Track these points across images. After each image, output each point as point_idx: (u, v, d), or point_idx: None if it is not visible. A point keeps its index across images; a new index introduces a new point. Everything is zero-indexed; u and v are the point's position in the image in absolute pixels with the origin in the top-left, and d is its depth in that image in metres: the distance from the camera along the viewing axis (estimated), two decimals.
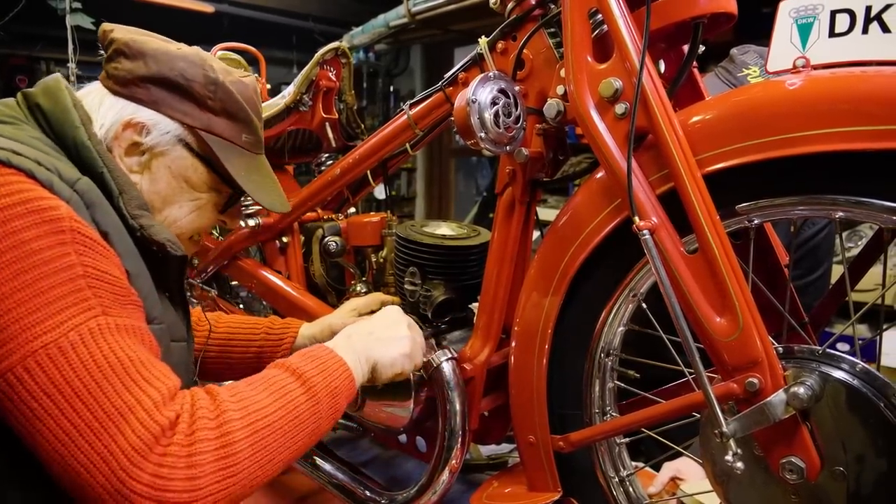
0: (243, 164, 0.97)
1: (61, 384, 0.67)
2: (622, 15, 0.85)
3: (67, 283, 0.71)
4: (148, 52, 0.91)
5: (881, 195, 0.74)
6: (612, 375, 1.04)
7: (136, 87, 0.90)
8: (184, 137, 0.93)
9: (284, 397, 0.80)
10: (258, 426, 0.76)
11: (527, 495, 1.06)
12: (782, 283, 0.94)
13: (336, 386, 0.86)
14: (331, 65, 1.54)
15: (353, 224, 1.49)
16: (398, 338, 1.00)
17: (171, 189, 0.94)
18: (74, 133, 0.84)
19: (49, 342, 0.68)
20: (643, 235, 0.81)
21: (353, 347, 0.93)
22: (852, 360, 0.79)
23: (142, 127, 0.90)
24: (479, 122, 0.94)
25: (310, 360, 0.87)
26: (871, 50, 0.77)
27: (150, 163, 0.92)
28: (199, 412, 0.73)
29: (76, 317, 0.70)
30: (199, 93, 0.92)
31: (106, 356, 0.70)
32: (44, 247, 0.70)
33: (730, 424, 0.79)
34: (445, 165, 6.36)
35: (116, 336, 0.72)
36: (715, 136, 0.82)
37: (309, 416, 0.82)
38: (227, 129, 0.96)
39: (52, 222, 0.71)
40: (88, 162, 0.84)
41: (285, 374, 0.84)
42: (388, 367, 0.98)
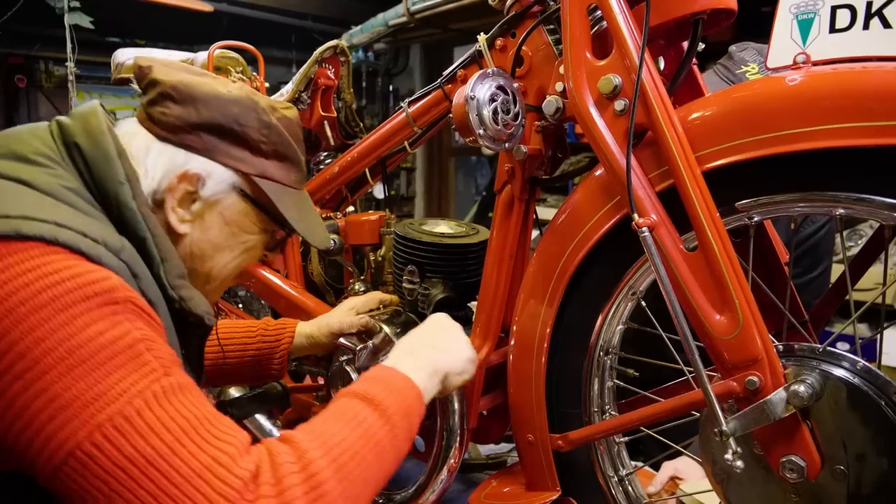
0: (293, 204, 0.95)
1: (133, 454, 0.64)
2: (621, 11, 0.85)
3: (126, 350, 0.67)
4: (199, 97, 0.86)
5: (882, 192, 0.74)
6: (611, 374, 1.03)
7: (186, 135, 0.85)
8: (237, 184, 0.89)
9: (360, 426, 0.77)
10: (342, 460, 0.73)
11: (525, 495, 1.06)
12: (782, 281, 0.93)
13: (409, 405, 0.83)
14: (329, 63, 1.54)
15: (351, 223, 1.49)
16: (460, 345, 0.97)
17: (224, 235, 0.91)
18: (118, 190, 0.79)
19: (114, 413, 0.64)
20: (642, 233, 0.81)
21: (418, 364, 0.89)
22: (853, 359, 0.78)
23: (197, 178, 0.86)
24: (478, 118, 0.94)
25: (377, 383, 0.83)
26: (871, 46, 0.76)
27: (202, 212, 0.88)
28: (280, 458, 0.70)
29: (138, 382, 0.67)
30: (254, 138, 0.89)
31: (174, 418, 0.67)
32: (96, 318, 0.67)
33: (729, 423, 0.78)
34: (445, 165, 6.35)
35: (180, 396, 0.69)
36: (715, 133, 0.82)
37: (388, 440, 0.78)
38: (278, 171, 0.93)
39: (104, 294, 0.68)
40: (131, 224, 0.79)
41: (356, 402, 0.80)
42: (457, 376, 0.95)
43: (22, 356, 0.63)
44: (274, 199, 0.91)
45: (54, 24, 4.26)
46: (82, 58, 4.13)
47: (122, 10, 4.54)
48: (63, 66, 4.20)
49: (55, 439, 0.63)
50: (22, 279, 0.65)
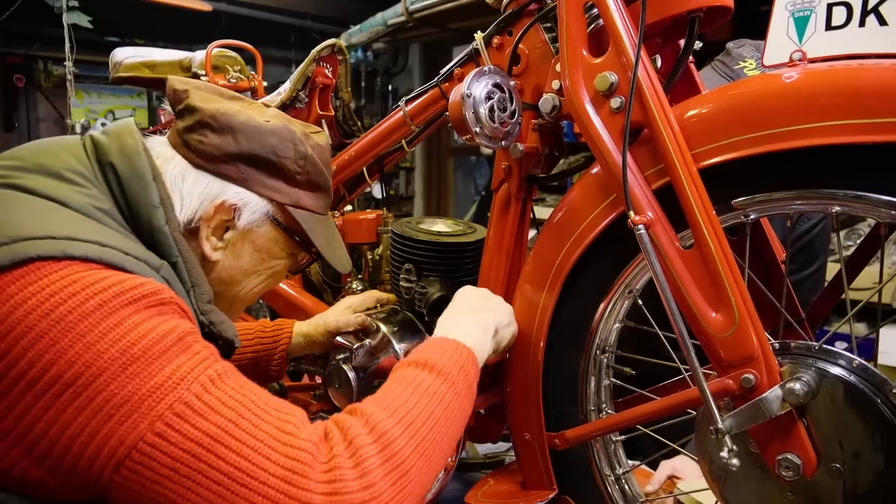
0: (321, 230, 0.96)
1: (197, 436, 0.64)
2: (618, 9, 0.85)
3: (176, 343, 0.68)
4: (237, 127, 0.86)
5: (879, 189, 0.74)
6: (607, 372, 1.03)
7: (224, 164, 0.85)
8: (271, 213, 0.90)
9: (420, 386, 0.78)
10: (409, 418, 0.74)
11: (522, 493, 1.06)
12: (778, 279, 0.93)
13: (462, 363, 0.84)
14: (327, 62, 1.53)
15: (349, 221, 1.48)
16: (498, 301, 1.00)
17: (253, 262, 0.92)
18: (151, 213, 0.79)
19: (174, 400, 0.65)
20: (638, 230, 0.80)
21: (466, 329, 0.90)
22: (849, 357, 0.78)
23: (233, 208, 0.86)
24: (474, 116, 0.93)
25: (427, 350, 0.85)
26: (867, 43, 0.76)
27: (235, 240, 0.89)
28: (347, 424, 0.71)
29: (194, 369, 0.68)
30: (290, 169, 0.90)
31: (232, 395, 0.68)
32: (145, 318, 0.67)
33: (725, 421, 0.78)
34: (444, 164, 6.35)
35: (233, 377, 0.70)
36: (711, 131, 0.81)
37: (452, 398, 0.79)
38: (310, 200, 0.94)
39: (150, 295, 0.69)
40: (162, 248, 0.80)
41: (411, 369, 0.81)
42: (507, 328, 0.98)
43: (72, 363, 0.63)
44: (305, 227, 0.93)
45: (53, 23, 4.26)
46: (81, 57, 4.13)
47: (121, 9, 4.55)
48: (62, 65, 4.20)
49: (115, 437, 0.63)
50: (68, 290, 0.65)
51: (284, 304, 1.51)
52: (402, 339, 1.20)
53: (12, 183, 0.74)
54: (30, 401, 0.62)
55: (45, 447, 0.63)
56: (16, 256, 0.65)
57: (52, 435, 0.63)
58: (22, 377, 0.62)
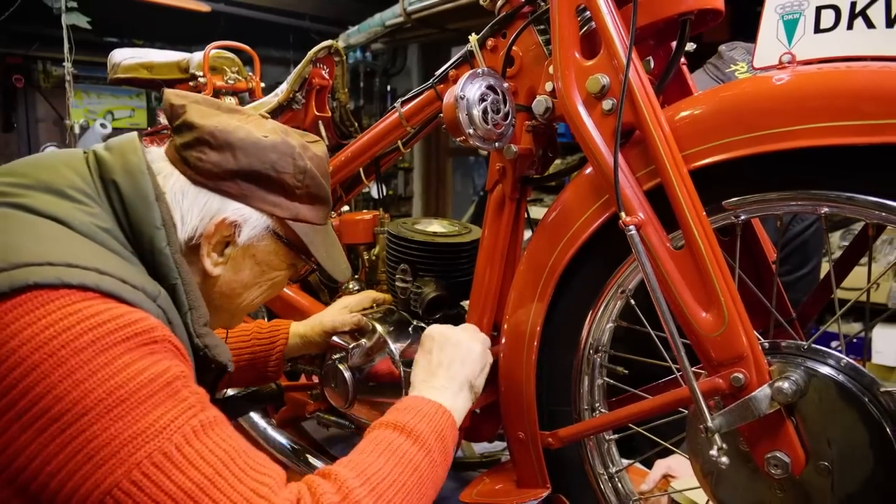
0: (321, 241, 0.97)
1: (172, 490, 0.64)
2: (609, 11, 0.85)
3: (164, 387, 0.68)
4: (236, 144, 0.85)
5: (868, 190, 0.74)
6: (600, 372, 1.04)
7: (223, 181, 0.85)
8: (272, 227, 0.91)
9: (396, 453, 0.79)
10: (381, 488, 0.74)
11: (516, 492, 1.07)
12: (770, 280, 0.94)
13: (441, 429, 0.85)
14: (324, 63, 1.54)
15: (345, 222, 1.49)
16: (467, 347, 0.99)
17: (254, 274, 0.93)
18: (153, 234, 0.79)
19: (154, 450, 0.64)
20: (629, 231, 0.81)
21: (441, 387, 0.92)
22: (838, 356, 0.79)
23: (234, 225, 0.87)
24: (468, 118, 0.94)
25: (405, 412, 0.85)
26: (855, 45, 0.77)
27: (235, 255, 0.90)
28: (320, 489, 0.71)
29: (177, 419, 0.67)
30: (290, 183, 0.90)
31: (212, 451, 0.67)
32: (136, 358, 0.67)
33: (715, 419, 0.79)
34: (442, 165, 6.36)
35: (217, 430, 0.70)
36: (702, 132, 0.82)
37: (426, 466, 0.80)
38: (310, 212, 0.94)
39: (144, 333, 0.69)
40: (162, 269, 0.80)
41: (388, 432, 0.82)
42: (481, 376, 1.00)
43: (60, 398, 0.63)
44: (305, 240, 0.93)
45: (52, 24, 4.27)
46: (80, 58, 4.13)
47: (120, 10, 4.55)
48: (61, 66, 4.20)
49: (93, 478, 0.63)
50: (64, 323, 0.65)
51: (282, 304, 1.52)
52: (397, 339, 1.21)
53: (15, 202, 0.74)
54: (16, 431, 0.63)
55: (25, 479, 0.63)
56: (14, 283, 0.65)
57: (33, 468, 0.63)
58: (12, 407, 0.63)
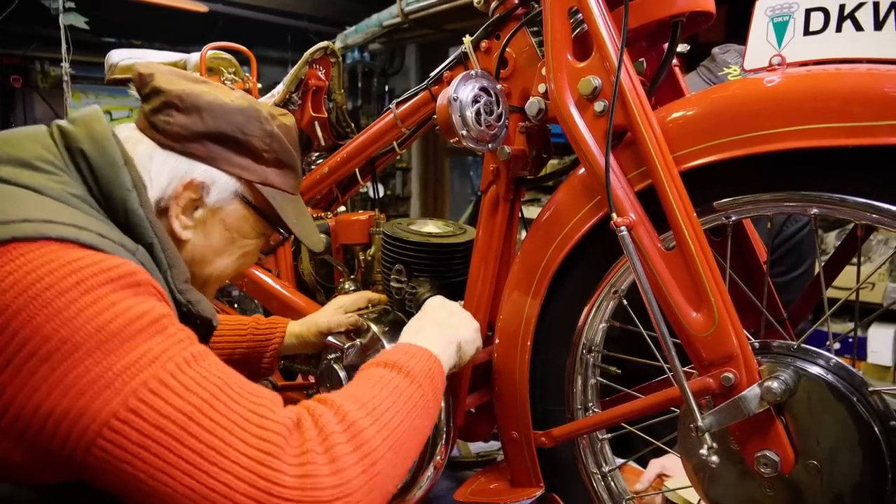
0: (291, 209, 0.97)
1: (172, 414, 0.64)
2: (601, 14, 0.86)
3: (152, 324, 0.69)
4: (203, 106, 0.87)
5: (858, 191, 0.75)
6: (594, 371, 1.05)
7: (191, 143, 0.86)
8: (240, 192, 0.91)
9: (391, 385, 0.80)
10: (378, 414, 0.75)
11: (510, 491, 1.07)
12: (761, 280, 0.95)
13: (430, 369, 0.86)
14: (320, 64, 1.55)
15: (341, 222, 1.50)
16: (463, 317, 1.02)
17: (223, 241, 0.93)
18: (125, 197, 0.79)
19: (149, 377, 0.65)
20: (621, 232, 0.82)
21: (430, 339, 0.92)
22: (827, 356, 0.80)
23: (201, 186, 0.87)
24: (461, 119, 0.95)
25: (398, 354, 0.86)
26: (844, 48, 0.78)
27: (205, 219, 0.90)
28: (318, 411, 0.72)
29: (169, 349, 0.68)
30: (257, 146, 0.91)
31: (207, 377, 0.68)
32: (122, 298, 0.68)
33: (705, 419, 0.80)
34: (440, 165, 6.36)
35: (209, 360, 0.71)
36: (692, 134, 0.83)
37: (419, 398, 0.81)
38: (278, 178, 0.95)
39: (127, 276, 0.70)
40: (138, 230, 0.80)
41: (383, 369, 0.83)
42: (470, 343, 1.00)
43: (48, 339, 0.64)
44: (275, 205, 0.93)
45: (50, 24, 4.26)
46: (77, 58, 4.13)
47: (117, 10, 4.55)
48: (59, 66, 4.20)
49: (89, 411, 0.63)
50: (45, 268, 0.66)
51: (278, 304, 1.52)
52: (392, 339, 1.21)
53: None
54: (6, 378, 0.63)
55: (22, 426, 0.64)
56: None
57: (27, 412, 0.63)
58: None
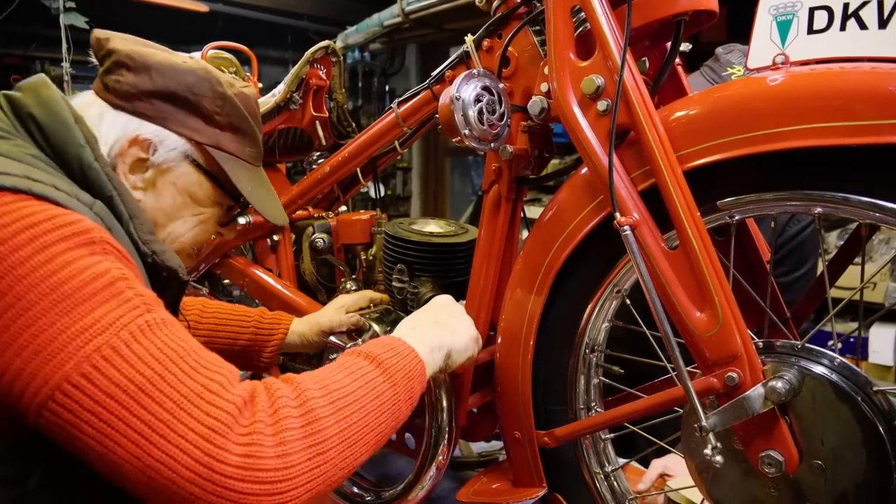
0: (247, 178, 0.96)
1: (123, 382, 0.64)
2: (604, 13, 0.86)
3: (107, 287, 0.68)
4: (153, 66, 0.87)
5: (861, 190, 0.75)
6: (596, 371, 1.04)
7: (140, 102, 0.87)
8: (190, 153, 0.91)
9: (363, 378, 0.78)
10: (340, 403, 0.73)
11: (512, 490, 1.07)
12: (764, 279, 0.95)
13: (410, 370, 0.84)
14: (321, 63, 1.54)
15: (342, 222, 1.50)
16: (464, 323, 0.99)
17: (176, 205, 0.92)
18: (80, 153, 0.80)
19: (102, 344, 0.65)
20: (624, 231, 0.82)
21: (421, 338, 0.91)
22: (831, 355, 0.80)
23: (148, 143, 0.87)
24: (463, 119, 0.95)
25: (382, 347, 0.85)
26: (849, 46, 0.77)
27: (154, 179, 0.90)
28: (278, 392, 0.71)
29: (124, 316, 0.67)
30: (208, 108, 0.90)
31: (161, 348, 0.68)
32: (77, 257, 0.67)
33: (709, 418, 0.79)
34: (441, 164, 6.35)
35: (165, 329, 0.70)
36: (696, 133, 0.83)
37: (389, 397, 0.79)
38: (232, 143, 0.94)
39: (81, 234, 0.69)
40: (96, 184, 0.80)
41: (360, 359, 0.82)
42: (461, 353, 0.97)
43: (2, 295, 0.64)
44: (226, 169, 0.93)
45: (50, 24, 4.26)
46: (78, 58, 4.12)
47: (118, 9, 4.55)
48: (59, 66, 4.19)
49: (42, 374, 0.63)
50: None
51: (279, 304, 1.52)
52: None
53: None
54: None
55: None
56: None
57: None
58: None
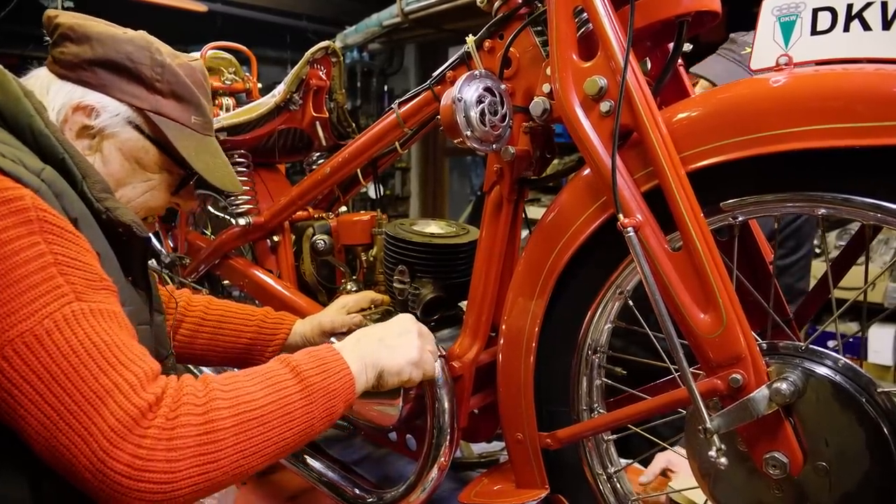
0: (193, 145, 0.99)
1: (40, 371, 0.69)
2: (607, 13, 0.85)
3: (39, 271, 0.71)
4: (93, 36, 0.91)
5: (863, 191, 0.74)
6: (599, 373, 1.04)
7: (82, 71, 0.91)
8: (133, 119, 0.94)
9: (278, 391, 0.81)
10: (245, 415, 0.76)
11: (515, 492, 1.07)
12: (767, 280, 0.94)
13: (334, 388, 0.86)
14: (321, 64, 1.54)
15: (343, 223, 1.49)
16: (407, 345, 0.99)
17: (124, 170, 0.96)
18: (30, 121, 0.84)
19: (25, 331, 0.69)
20: (627, 233, 0.81)
21: (360, 353, 0.93)
22: (835, 356, 0.79)
23: (91, 109, 0.91)
24: (465, 120, 0.94)
25: (312, 359, 0.87)
26: (852, 47, 0.77)
27: (100, 145, 0.93)
28: (186, 397, 0.74)
29: (50, 304, 0.71)
30: (147, 75, 0.94)
31: (81, 341, 0.71)
32: (12, 237, 0.71)
33: (714, 420, 0.79)
34: (440, 165, 6.35)
35: (91, 321, 0.73)
36: (699, 134, 0.82)
37: (301, 413, 0.81)
38: (175, 110, 0.97)
39: (19, 213, 0.72)
40: (48, 149, 0.84)
41: (283, 370, 0.84)
42: (394, 375, 0.97)
43: None
44: (168, 135, 0.96)
45: None
46: None
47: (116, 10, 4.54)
48: None
49: None
50: None
51: (279, 305, 1.51)
52: None
53: None
54: None
55: None
56: None
57: None
58: None
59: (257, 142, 1.59)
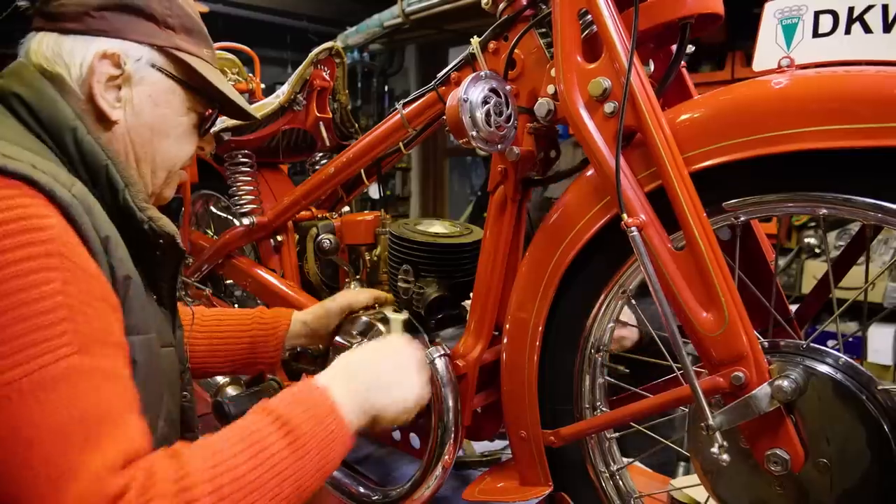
0: (216, 78, 0.96)
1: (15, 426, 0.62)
2: (611, 15, 0.86)
3: (47, 312, 0.65)
4: None
5: (865, 192, 0.75)
6: (602, 371, 1.05)
7: (91, 19, 0.84)
8: (156, 61, 0.89)
9: (263, 452, 0.72)
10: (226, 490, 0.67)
11: (518, 489, 1.08)
12: (768, 280, 0.95)
13: (325, 437, 0.78)
14: (325, 64, 1.55)
15: (346, 222, 1.50)
16: (404, 389, 0.94)
17: (158, 118, 0.91)
18: (75, 129, 0.80)
19: (12, 379, 0.62)
20: (631, 232, 0.82)
21: (353, 393, 0.85)
22: (836, 355, 0.80)
23: (116, 57, 0.85)
24: (471, 120, 0.95)
25: (298, 405, 0.79)
26: (853, 50, 0.78)
27: (130, 95, 0.88)
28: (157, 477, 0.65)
29: (45, 355, 0.64)
30: (158, 11, 0.89)
31: (67, 407, 0.64)
32: (28, 269, 0.65)
33: (716, 418, 0.80)
34: (440, 165, 6.36)
35: (82, 382, 0.66)
36: (702, 135, 0.83)
37: (292, 473, 0.73)
38: (189, 44, 0.93)
39: (42, 244, 0.66)
40: (90, 156, 0.80)
41: (268, 422, 0.75)
42: (388, 422, 0.92)
43: None
44: (196, 67, 0.92)
45: None
46: None
47: None
48: None
49: None
50: None
51: (282, 304, 1.52)
52: None
53: None
54: None
55: None
56: None
57: None
58: None
59: (261, 142, 1.60)
